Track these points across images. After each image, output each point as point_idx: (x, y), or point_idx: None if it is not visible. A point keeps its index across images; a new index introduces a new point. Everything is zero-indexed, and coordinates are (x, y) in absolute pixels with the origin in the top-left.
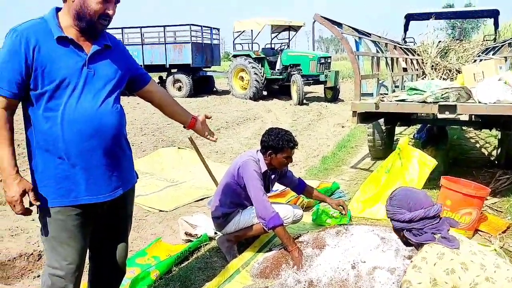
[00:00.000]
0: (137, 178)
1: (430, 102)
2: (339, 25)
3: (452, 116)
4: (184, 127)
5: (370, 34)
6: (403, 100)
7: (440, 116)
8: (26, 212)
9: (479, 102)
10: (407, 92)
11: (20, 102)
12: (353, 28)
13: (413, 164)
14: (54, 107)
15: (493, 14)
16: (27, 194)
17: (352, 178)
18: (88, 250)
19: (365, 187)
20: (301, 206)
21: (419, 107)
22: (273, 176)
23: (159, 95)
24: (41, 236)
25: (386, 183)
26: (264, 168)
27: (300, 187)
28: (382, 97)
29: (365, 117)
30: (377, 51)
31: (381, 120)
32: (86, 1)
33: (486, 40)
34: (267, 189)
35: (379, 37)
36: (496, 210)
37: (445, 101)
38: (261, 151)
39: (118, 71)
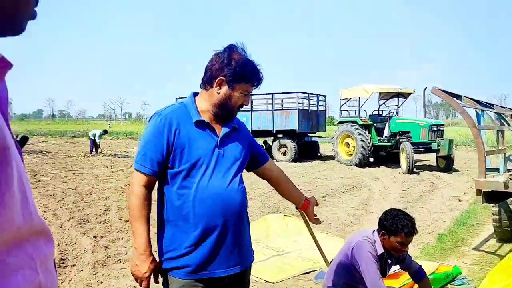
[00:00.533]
0: (253, 257)
1: None
2: (458, 97)
3: None
4: (296, 207)
5: (493, 105)
6: None
7: None
8: None
9: None
10: None
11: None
12: (473, 100)
13: None
14: (188, 185)
15: None
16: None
17: (475, 262)
18: None
19: (493, 276)
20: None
21: None
22: (390, 261)
23: (277, 174)
24: None
25: None
26: (380, 250)
27: (418, 275)
28: (511, 174)
29: (492, 196)
30: (502, 124)
31: (510, 199)
32: (232, 96)
33: None
34: (384, 273)
35: (503, 108)
36: None
37: None
38: (377, 231)
39: (242, 151)
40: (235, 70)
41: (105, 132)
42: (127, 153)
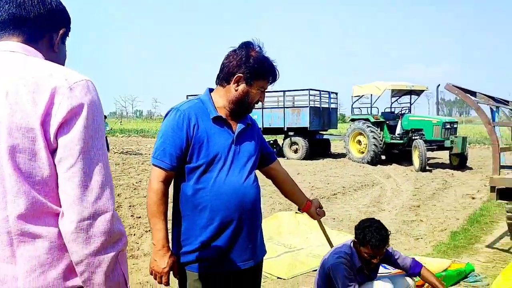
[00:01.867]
0: (265, 251)
1: None
2: (473, 93)
3: None
4: (298, 209)
5: (508, 101)
6: None
7: None
8: (168, 284)
9: None
10: None
11: None
12: (488, 96)
13: None
14: (205, 180)
15: None
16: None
17: (489, 260)
18: None
19: (508, 273)
20: None
21: None
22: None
23: (282, 174)
24: None
25: None
26: (358, 264)
27: (414, 270)
28: None
29: (505, 193)
30: None
31: None
32: (249, 93)
33: None
34: (371, 278)
35: None
36: None
37: None
38: (353, 240)
39: (256, 147)
40: (253, 67)
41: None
42: (138, 151)
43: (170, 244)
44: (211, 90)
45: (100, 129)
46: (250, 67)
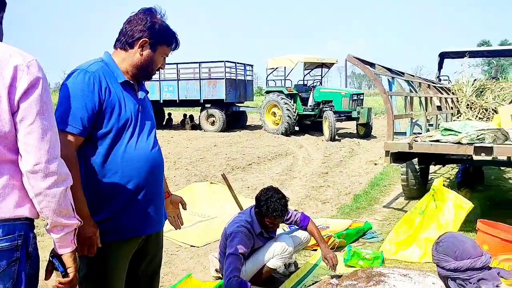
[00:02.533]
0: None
1: (465, 144)
2: (372, 65)
3: (488, 158)
4: None
5: (403, 73)
6: (437, 141)
7: (476, 158)
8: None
9: None
10: (441, 133)
11: None
12: (386, 68)
13: (448, 206)
14: (116, 147)
15: None
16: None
17: (385, 218)
18: None
19: (398, 229)
20: (332, 247)
21: (453, 148)
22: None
23: None
24: (82, 278)
25: (420, 225)
26: (258, 230)
27: (302, 224)
28: (416, 137)
29: (399, 157)
30: (411, 91)
31: (415, 160)
32: (154, 58)
33: None
34: (270, 238)
35: (412, 76)
36: None
37: (481, 142)
38: (254, 208)
39: (153, 114)
40: (158, 33)
41: None
42: None
43: None
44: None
45: (50, 97)
46: (155, 33)
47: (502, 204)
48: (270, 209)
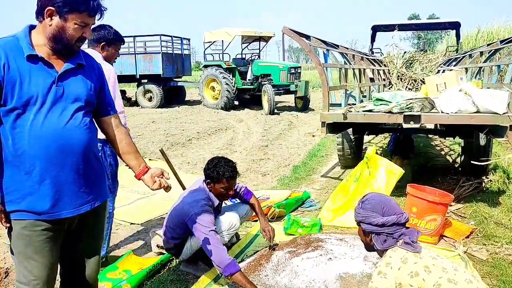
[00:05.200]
0: (111, 193)
1: (396, 113)
2: (307, 37)
3: (417, 125)
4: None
5: (338, 46)
6: (370, 111)
7: (405, 126)
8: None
9: (442, 112)
10: (373, 103)
11: None
12: (321, 40)
13: (380, 173)
14: (21, 124)
15: (455, 26)
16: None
17: (322, 187)
18: (59, 266)
19: (334, 196)
20: (273, 216)
21: (385, 117)
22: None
23: (118, 132)
24: (10, 252)
25: (355, 192)
26: (216, 201)
27: (245, 197)
28: (350, 108)
29: (334, 127)
30: (345, 63)
31: (350, 130)
32: (65, 28)
33: (449, 51)
34: (218, 211)
35: (347, 48)
36: (460, 216)
37: (410, 111)
38: (204, 181)
39: (89, 90)
40: None
41: None
42: None
43: None
44: (32, 27)
45: None
46: None
47: (430, 169)
48: (221, 172)
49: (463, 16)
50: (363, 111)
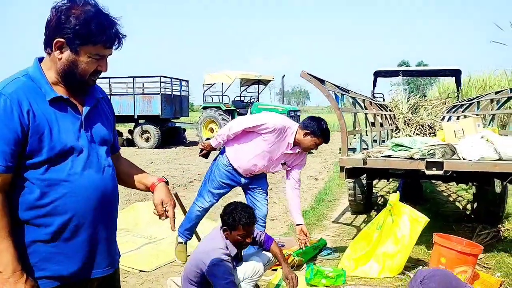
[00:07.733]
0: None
1: (418, 159)
2: (322, 81)
3: (440, 172)
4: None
5: (348, 90)
6: (389, 156)
7: (428, 172)
8: None
9: (463, 159)
10: (392, 148)
11: None
12: (334, 85)
13: (404, 220)
14: (54, 177)
15: (456, 73)
16: None
17: (336, 234)
18: None
19: (355, 244)
20: (292, 265)
21: (406, 163)
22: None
23: (127, 163)
24: None
25: (377, 240)
26: (234, 250)
27: (266, 245)
28: (368, 153)
29: (351, 172)
30: (355, 107)
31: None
32: (77, 62)
33: (450, 97)
34: (240, 259)
35: (356, 93)
36: (484, 266)
37: (432, 157)
38: (221, 228)
39: (109, 128)
40: (74, 29)
41: None
42: None
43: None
44: (40, 59)
45: None
46: (71, 29)
47: (442, 216)
48: (237, 219)
49: (447, 63)
50: (382, 156)
